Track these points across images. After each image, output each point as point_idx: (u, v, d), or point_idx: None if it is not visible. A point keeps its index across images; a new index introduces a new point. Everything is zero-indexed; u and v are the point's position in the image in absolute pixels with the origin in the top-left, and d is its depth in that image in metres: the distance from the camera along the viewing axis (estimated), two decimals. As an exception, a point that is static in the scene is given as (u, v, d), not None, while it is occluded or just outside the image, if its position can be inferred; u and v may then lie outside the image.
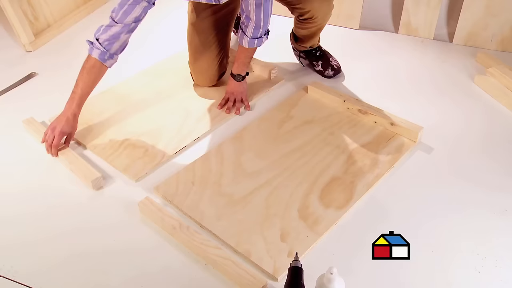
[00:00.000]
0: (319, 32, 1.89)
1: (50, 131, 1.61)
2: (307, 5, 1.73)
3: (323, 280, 1.10)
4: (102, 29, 1.56)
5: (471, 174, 1.55)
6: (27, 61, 2.17)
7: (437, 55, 2.14)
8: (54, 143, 1.59)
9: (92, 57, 1.58)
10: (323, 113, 1.79)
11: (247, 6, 1.60)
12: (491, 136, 1.71)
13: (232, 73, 1.81)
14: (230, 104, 1.80)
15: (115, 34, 1.55)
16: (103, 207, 1.47)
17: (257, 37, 1.70)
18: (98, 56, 1.57)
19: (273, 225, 1.38)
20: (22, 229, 1.42)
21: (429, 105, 1.86)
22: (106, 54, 1.58)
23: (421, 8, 2.20)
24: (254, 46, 1.73)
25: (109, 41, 1.56)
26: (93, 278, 1.28)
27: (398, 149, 1.62)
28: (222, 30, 1.82)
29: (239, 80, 1.80)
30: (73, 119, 1.62)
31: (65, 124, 1.61)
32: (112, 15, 1.54)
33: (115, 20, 1.53)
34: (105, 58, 1.58)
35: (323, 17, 1.80)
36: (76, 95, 1.62)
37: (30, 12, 2.23)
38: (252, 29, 1.67)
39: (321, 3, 1.75)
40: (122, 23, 1.53)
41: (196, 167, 1.58)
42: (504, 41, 2.13)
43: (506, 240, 1.35)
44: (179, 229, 1.35)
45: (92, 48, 1.58)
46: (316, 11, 1.75)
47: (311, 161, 1.58)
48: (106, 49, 1.57)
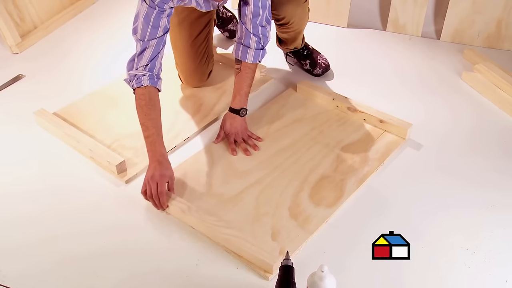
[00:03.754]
0: (299, 35, 1.87)
1: (149, 182, 1.40)
2: (281, 12, 1.71)
3: (314, 278, 1.11)
4: (137, 58, 1.46)
5: (459, 170, 1.56)
6: (13, 63, 2.14)
7: (425, 52, 2.16)
8: (160, 190, 1.37)
9: (143, 89, 1.46)
10: (312, 112, 1.79)
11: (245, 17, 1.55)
12: (479, 132, 1.72)
13: (234, 108, 1.63)
14: (234, 146, 1.63)
15: (153, 53, 1.45)
16: (93, 208, 1.46)
17: (260, 48, 1.61)
18: (149, 82, 1.46)
19: (264, 224, 1.38)
20: (11, 233, 1.40)
21: (417, 102, 1.87)
22: (154, 77, 1.47)
23: (409, 6, 2.22)
24: (258, 60, 1.62)
25: (151, 63, 1.46)
26: (85, 281, 1.27)
27: (387, 146, 1.63)
28: (204, 29, 1.80)
29: (243, 115, 1.64)
30: (165, 160, 1.44)
31: (160, 168, 1.41)
32: (138, 37, 1.45)
33: (146, 39, 1.44)
34: (155, 80, 1.48)
35: (298, 22, 1.78)
36: (152, 136, 1.45)
37: (16, 13, 2.20)
38: (255, 40, 1.58)
39: (295, 9, 1.72)
40: (156, 37, 1.45)
41: (186, 167, 1.57)
42: (489, 37, 2.15)
43: (494, 234, 1.36)
44: (188, 212, 1.36)
45: (139, 80, 1.46)
46: (291, 17, 1.73)
47: (301, 160, 1.59)
48: (151, 72, 1.47)
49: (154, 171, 1.41)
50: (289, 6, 1.70)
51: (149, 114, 1.47)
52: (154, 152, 1.44)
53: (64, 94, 1.91)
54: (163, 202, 1.38)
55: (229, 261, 1.30)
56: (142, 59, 1.47)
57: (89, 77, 2.03)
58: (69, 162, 1.62)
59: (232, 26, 2.20)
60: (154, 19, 1.44)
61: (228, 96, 1.77)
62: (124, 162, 1.55)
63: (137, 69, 1.47)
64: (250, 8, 1.54)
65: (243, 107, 1.64)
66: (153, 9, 1.43)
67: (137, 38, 1.47)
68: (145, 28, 1.44)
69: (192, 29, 1.77)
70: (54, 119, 1.72)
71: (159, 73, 1.51)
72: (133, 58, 1.49)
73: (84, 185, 1.54)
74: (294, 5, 1.71)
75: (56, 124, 1.70)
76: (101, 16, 2.47)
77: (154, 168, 1.42)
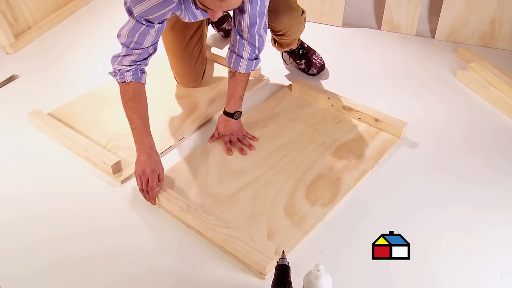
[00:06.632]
0: (295, 41, 1.86)
1: (140, 177, 1.43)
2: (278, 25, 1.70)
3: (310, 277, 1.11)
4: (121, 57, 1.45)
5: (454, 168, 1.57)
6: (7, 63, 2.13)
7: (420, 51, 2.17)
8: (150, 185, 1.41)
9: (126, 85, 1.46)
10: (308, 111, 1.79)
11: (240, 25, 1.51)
12: (474, 130, 1.73)
13: (228, 112, 1.62)
14: (229, 145, 1.63)
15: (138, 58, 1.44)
16: (88, 209, 1.46)
17: (254, 58, 1.58)
18: (132, 78, 1.45)
19: (260, 223, 1.38)
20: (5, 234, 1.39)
21: (412, 100, 1.87)
22: (138, 72, 1.47)
23: (403, 5, 2.22)
24: (251, 70, 1.59)
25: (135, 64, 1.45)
26: (80, 282, 1.27)
27: (383, 145, 1.64)
28: (197, 31, 1.79)
29: (238, 118, 1.64)
30: (153, 152, 1.46)
31: (150, 162, 1.43)
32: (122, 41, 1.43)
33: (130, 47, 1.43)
34: (139, 76, 1.47)
35: (295, 32, 1.77)
36: (139, 127, 1.46)
37: (10, 13, 2.19)
38: (248, 50, 1.55)
39: (292, 21, 1.71)
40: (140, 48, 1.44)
41: (182, 167, 1.57)
42: (484, 36, 2.16)
43: (489, 232, 1.37)
44: (187, 210, 1.36)
45: (122, 75, 1.46)
46: (287, 29, 1.73)
47: (297, 159, 1.59)
48: (136, 67, 1.46)
49: (145, 166, 1.43)
50: (286, 19, 1.69)
51: (134, 107, 1.47)
52: (142, 143, 1.46)
53: (58, 94, 1.90)
54: (153, 196, 1.43)
55: (226, 260, 1.30)
56: (125, 61, 1.45)
57: (83, 77, 2.03)
58: (64, 162, 1.62)
59: (227, 26, 2.19)
60: (139, 35, 1.41)
61: (223, 96, 1.77)
62: (120, 162, 1.55)
63: (121, 65, 1.45)
64: (246, 16, 1.46)
65: (238, 110, 1.63)
66: (140, 25, 1.40)
67: (121, 42, 1.45)
68: (130, 40, 1.42)
69: (184, 32, 1.77)
70: (48, 119, 1.72)
71: (143, 69, 1.49)
72: (118, 55, 1.47)
73: (79, 185, 1.54)
74: (290, 18, 1.70)
75: (50, 124, 1.70)
76: (95, 16, 2.47)
77: (144, 162, 1.44)
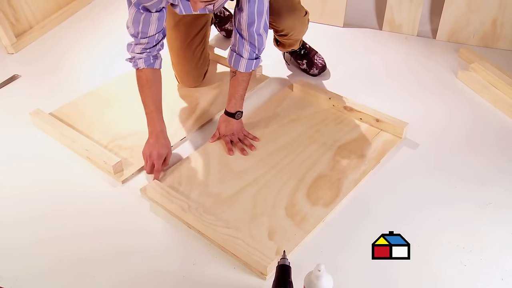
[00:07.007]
0: (297, 42, 1.87)
1: (147, 159, 1.51)
2: (281, 25, 1.70)
3: (311, 277, 1.11)
4: (133, 44, 1.50)
5: (456, 169, 1.57)
6: (9, 63, 2.14)
7: (421, 51, 2.16)
8: (156, 168, 1.50)
9: (139, 71, 1.52)
10: (309, 111, 1.79)
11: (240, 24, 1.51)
12: (475, 130, 1.73)
13: (230, 112, 1.63)
14: (230, 145, 1.63)
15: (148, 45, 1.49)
16: (89, 209, 1.46)
17: (254, 58, 1.57)
18: (144, 65, 1.50)
19: (261, 223, 1.38)
20: (7, 234, 1.40)
21: (413, 101, 1.87)
22: (150, 58, 1.51)
23: (405, 5, 2.22)
24: (251, 69, 1.59)
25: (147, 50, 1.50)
26: (81, 282, 1.27)
27: (384, 145, 1.64)
28: (201, 31, 1.79)
29: (239, 118, 1.64)
30: (163, 136, 1.53)
31: (158, 145, 1.51)
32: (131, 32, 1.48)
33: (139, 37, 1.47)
34: (152, 62, 1.51)
35: (298, 33, 1.78)
36: (152, 112, 1.53)
37: (11, 13, 2.20)
38: (248, 50, 1.54)
39: (295, 22, 1.71)
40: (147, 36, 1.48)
41: (183, 167, 1.57)
42: (485, 36, 2.16)
43: (491, 233, 1.36)
44: (188, 210, 1.37)
45: (135, 63, 1.51)
46: (290, 30, 1.73)
47: (298, 159, 1.59)
48: (148, 53, 1.50)
49: (152, 149, 1.51)
50: (289, 19, 1.69)
51: (148, 93, 1.53)
52: (154, 127, 1.53)
53: (60, 94, 1.90)
54: (157, 177, 1.50)
55: (226, 260, 1.30)
56: (137, 49, 1.50)
57: (85, 77, 2.03)
58: (65, 162, 1.62)
59: (229, 26, 2.19)
60: (142, 26, 1.45)
61: (225, 96, 1.76)
62: (121, 162, 1.55)
63: (134, 52, 1.50)
64: (244, 14, 1.47)
65: (239, 110, 1.63)
66: (140, 13, 1.43)
67: (130, 33, 1.50)
68: (136, 30, 1.47)
69: (188, 30, 1.77)
70: (50, 119, 1.72)
71: (156, 54, 1.53)
72: (131, 43, 1.52)
73: (81, 185, 1.54)
74: (293, 19, 1.70)
75: (52, 124, 1.70)
76: (97, 16, 2.47)
77: (151, 145, 1.52)
